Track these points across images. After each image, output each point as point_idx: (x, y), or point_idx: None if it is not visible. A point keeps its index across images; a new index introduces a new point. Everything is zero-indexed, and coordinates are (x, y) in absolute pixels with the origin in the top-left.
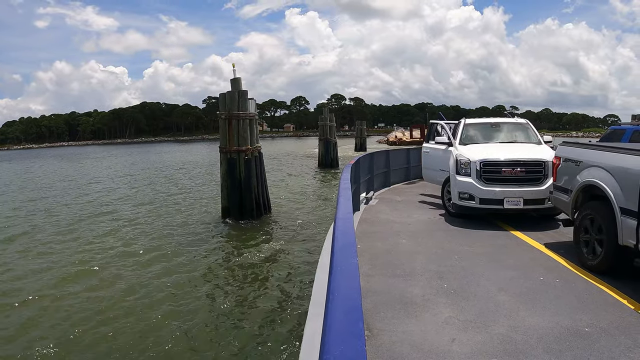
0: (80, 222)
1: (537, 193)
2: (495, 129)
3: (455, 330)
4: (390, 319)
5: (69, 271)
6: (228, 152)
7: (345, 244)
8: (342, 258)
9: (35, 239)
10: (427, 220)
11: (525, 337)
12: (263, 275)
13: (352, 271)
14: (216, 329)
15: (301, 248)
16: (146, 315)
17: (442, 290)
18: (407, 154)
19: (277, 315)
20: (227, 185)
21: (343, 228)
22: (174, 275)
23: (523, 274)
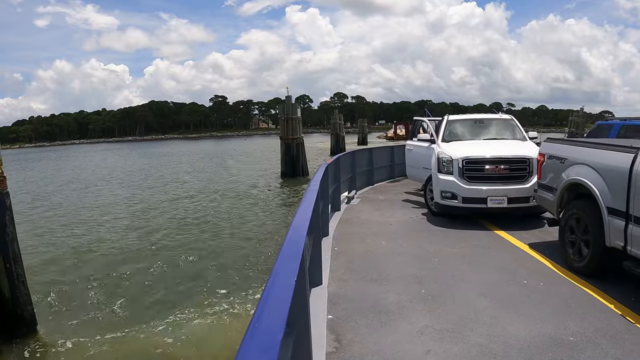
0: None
1: (521, 191)
2: (479, 126)
3: (430, 341)
4: (362, 328)
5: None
6: (286, 139)
7: (288, 259)
8: (280, 276)
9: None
10: (409, 220)
11: (505, 347)
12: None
13: (285, 295)
14: None
15: None
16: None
17: (420, 296)
18: (391, 152)
19: None
20: (285, 159)
21: (293, 240)
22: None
23: (506, 277)
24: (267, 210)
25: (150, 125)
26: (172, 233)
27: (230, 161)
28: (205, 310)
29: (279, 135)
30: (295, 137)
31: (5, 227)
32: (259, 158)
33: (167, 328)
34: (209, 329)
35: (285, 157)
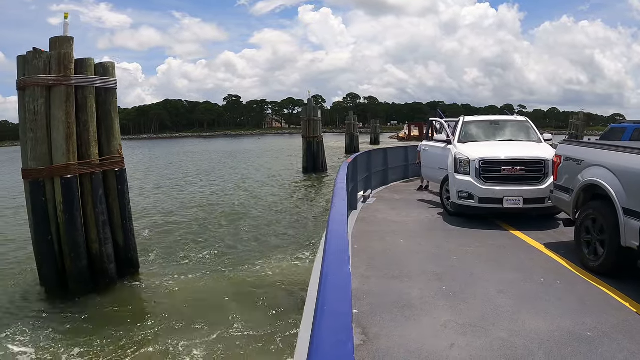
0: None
1: (537, 192)
2: (494, 127)
3: (454, 335)
4: (388, 322)
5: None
6: (307, 137)
7: (337, 249)
8: (333, 268)
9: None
10: (425, 219)
11: (526, 341)
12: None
13: (344, 283)
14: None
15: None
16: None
17: (441, 292)
18: (405, 152)
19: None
20: (306, 155)
21: (336, 233)
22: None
23: (523, 276)
24: (299, 196)
25: (164, 124)
26: (236, 210)
27: (254, 159)
28: (271, 258)
29: (301, 135)
30: (315, 136)
31: (125, 194)
32: (279, 156)
33: (245, 268)
34: (279, 268)
35: (307, 154)
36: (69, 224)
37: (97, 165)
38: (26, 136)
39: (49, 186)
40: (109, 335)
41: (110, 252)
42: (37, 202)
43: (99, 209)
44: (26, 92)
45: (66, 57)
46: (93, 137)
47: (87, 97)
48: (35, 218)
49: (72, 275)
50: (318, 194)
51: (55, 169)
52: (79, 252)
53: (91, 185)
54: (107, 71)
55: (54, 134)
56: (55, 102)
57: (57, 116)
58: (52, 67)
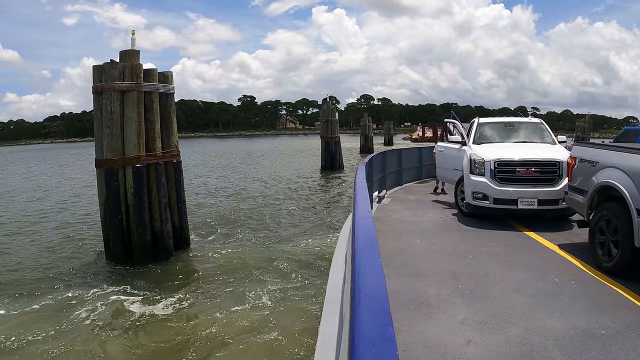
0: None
1: (551, 193)
2: (509, 129)
3: (471, 332)
4: (407, 319)
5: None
6: (325, 138)
7: (367, 244)
8: (365, 259)
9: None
10: (440, 219)
11: (542, 339)
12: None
13: (378, 273)
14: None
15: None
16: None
17: (457, 290)
18: (419, 153)
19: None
20: (324, 154)
21: (364, 227)
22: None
23: (538, 275)
24: (320, 190)
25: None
26: (266, 201)
27: (275, 158)
28: (300, 238)
29: (315, 135)
30: (333, 136)
31: (180, 182)
32: (297, 155)
33: (276, 245)
34: (307, 246)
35: (325, 153)
36: (137, 205)
37: (160, 157)
38: (102, 132)
39: (121, 173)
40: (166, 294)
41: (169, 230)
42: (110, 186)
43: (162, 193)
44: (103, 95)
45: (137, 68)
46: (157, 133)
47: (153, 100)
48: (108, 200)
49: (137, 248)
50: (337, 189)
51: (127, 159)
52: (145, 228)
53: (156, 173)
54: (167, 79)
55: (127, 130)
56: (128, 105)
57: (130, 116)
58: (126, 75)
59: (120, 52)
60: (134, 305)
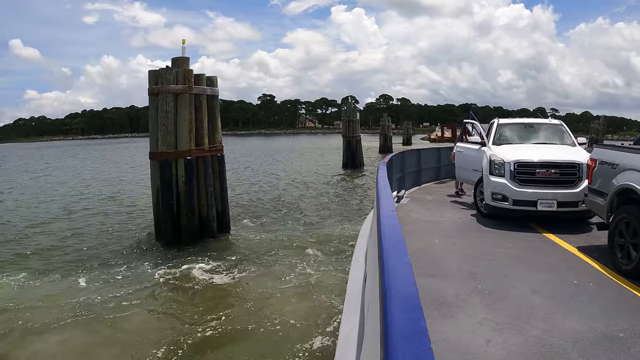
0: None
1: (571, 195)
2: (528, 130)
3: (490, 332)
4: (427, 318)
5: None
6: (347, 137)
7: (394, 242)
8: (393, 256)
9: None
10: (458, 220)
11: (560, 340)
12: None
13: (407, 269)
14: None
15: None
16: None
17: (477, 291)
18: (438, 154)
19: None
20: (346, 152)
21: (390, 226)
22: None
23: (557, 277)
24: (344, 185)
25: None
26: (294, 193)
27: (298, 155)
28: (326, 225)
29: (334, 134)
30: (354, 135)
31: (223, 173)
32: (317, 153)
33: (306, 230)
34: (334, 231)
35: (346, 152)
36: (188, 193)
37: (207, 151)
38: (157, 128)
39: (174, 165)
40: (214, 266)
41: (214, 215)
42: (164, 176)
43: (208, 183)
44: (159, 97)
45: (189, 73)
46: (205, 130)
47: (202, 102)
48: (162, 187)
49: (186, 230)
50: (360, 184)
51: (180, 152)
52: (194, 213)
53: (203, 165)
54: (212, 82)
55: (179, 127)
56: (181, 105)
57: (183, 115)
58: (179, 79)
59: (172, 59)
60: (189, 273)
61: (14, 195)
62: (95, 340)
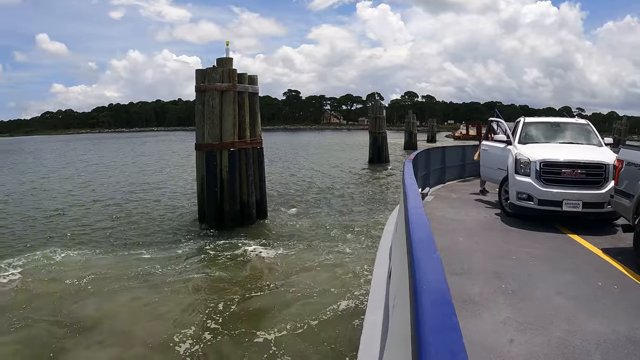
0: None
1: (596, 196)
2: (554, 129)
3: (513, 331)
4: None
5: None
6: (373, 133)
7: (423, 237)
8: (422, 252)
9: None
10: (483, 219)
11: (583, 342)
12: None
13: (437, 265)
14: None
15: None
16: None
17: (500, 290)
18: (462, 152)
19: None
20: (372, 148)
21: (419, 222)
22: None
23: (581, 278)
24: (371, 179)
25: None
26: (327, 184)
27: (327, 150)
28: (357, 213)
29: (359, 130)
30: (380, 132)
31: (262, 164)
32: (344, 148)
33: (343, 217)
34: (363, 219)
35: (372, 147)
36: (231, 181)
37: (248, 143)
38: (204, 122)
39: (219, 155)
40: (255, 245)
41: (253, 202)
42: (209, 165)
43: (249, 172)
44: (206, 93)
45: (233, 73)
46: (247, 125)
47: (244, 98)
48: (208, 176)
49: (228, 215)
50: (386, 177)
51: (224, 144)
52: (236, 200)
53: (245, 156)
54: (253, 81)
55: (224, 122)
56: (226, 101)
57: (228, 111)
58: (224, 78)
59: (217, 59)
60: (234, 250)
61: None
62: (159, 300)
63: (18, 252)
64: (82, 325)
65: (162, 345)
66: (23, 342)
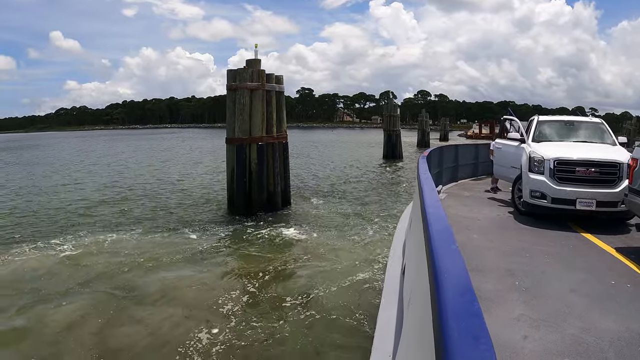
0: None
1: (610, 195)
2: (568, 128)
3: (527, 328)
4: None
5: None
6: (388, 130)
7: (441, 229)
8: (441, 243)
9: None
10: (496, 217)
11: (597, 339)
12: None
13: (457, 256)
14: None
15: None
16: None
17: (514, 287)
18: (475, 150)
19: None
20: (386, 145)
21: (436, 215)
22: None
23: (594, 277)
24: (386, 173)
25: None
26: (345, 178)
27: (342, 148)
28: (373, 204)
29: (373, 128)
30: (394, 129)
31: (287, 158)
32: (358, 146)
33: (363, 207)
34: (380, 209)
35: (387, 144)
36: (259, 173)
37: (275, 138)
38: (234, 118)
39: (248, 149)
40: (281, 229)
41: (279, 191)
42: (240, 158)
43: (275, 165)
44: (237, 92)
45: (262, 73)
46: (274, 121)
47: (272, 96)
48: (237, 167)
49: (256, 203)
50: (400, 172)
51: (253, 138)
52: (263, 190)
53: (272, 150)
54: (280, 81)
55: (253, 118)
56: (255, 99)
57: (257, 108)
58: (254, 78)
59: (247, 60)
60: (265, 233)
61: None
62: (202, 271)
63: (77, 234)
64: (138, 291)
65: (209, 307)
66: (91, 303)
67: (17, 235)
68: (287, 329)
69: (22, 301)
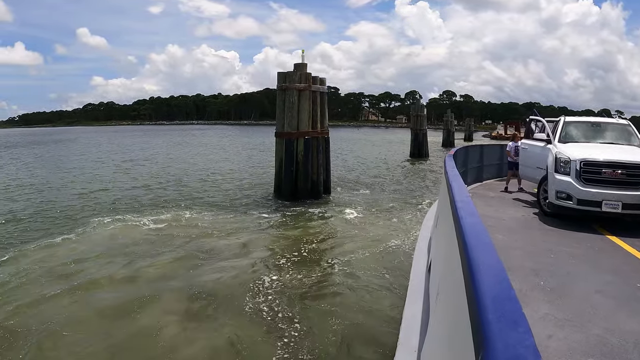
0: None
1: (637, 198)
2: (595, 129)
3: (552, 327)
4: None
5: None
6: (414, 130)
7: (473, 222)
8: (475, 236)
9: None
10: (521, 217)
11: (621, 341)
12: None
13: (490, 248)
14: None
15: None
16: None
17: (539, 287)
18: (500, 150)
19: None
20: (413, 143)
21: (467, 208)
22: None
23: (619, 279)
24: (414, 170)
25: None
26: (379, 172)
27: (368, 145)
28: (404, 195)
29: (398, 127)
30: (421, 129)
31: (328, 151)
32: (385, 144)
33: (400, 197)
34: (410, 200)
35: (413, 143)
36: (304, 163)
37: (319, 133)
38: (284, 115)
39: (295, 142)
40: (322, 214)
41: (321, 181)
42: (288, 150)
43: (319, 156)
44: (286, 92)
45: (309, 76)
46: (318, 118)
47: (317, 96)
48: (285, 158)
49: (301, 191)
50: (428, 169)
51: (300, 133)
52: (308, 178)
53: (316, 143)
54: (323, 82)
55: (301, 115)
56: (302, 98)
57: (304, 106)
58: (302, 80)
59: (295, 64)
60: (310, 215)
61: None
62: (257, 243)
63: (154, 213)
64: (215, 252)
65: (272, 262)
66: (178, 258)
67: (120, 208)
68: (333, 278)
69: (126, 259)
